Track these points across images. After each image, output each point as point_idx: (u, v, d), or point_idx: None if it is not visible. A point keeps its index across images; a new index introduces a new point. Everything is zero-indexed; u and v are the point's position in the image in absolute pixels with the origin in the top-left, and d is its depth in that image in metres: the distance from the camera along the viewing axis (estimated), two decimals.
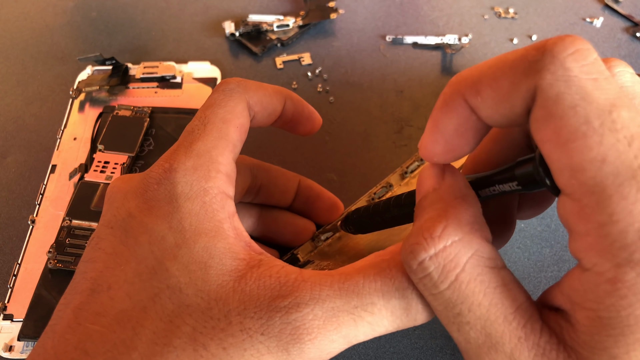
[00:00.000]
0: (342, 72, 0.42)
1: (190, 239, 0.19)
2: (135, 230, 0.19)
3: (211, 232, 0.19)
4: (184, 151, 0.20)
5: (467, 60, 0.43)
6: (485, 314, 0.16)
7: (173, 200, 0.19)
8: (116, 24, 0.46)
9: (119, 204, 0.20)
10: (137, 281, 0.18)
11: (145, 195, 0.20)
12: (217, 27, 0.46)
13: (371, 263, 0.19)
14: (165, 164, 0.20)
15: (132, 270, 0.18)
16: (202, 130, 0.21)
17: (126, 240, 0.19)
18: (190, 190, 0.19)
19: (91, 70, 0.42)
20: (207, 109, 0.22)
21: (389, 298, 0.18)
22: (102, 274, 0.19)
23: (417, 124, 0.39)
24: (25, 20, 0.47)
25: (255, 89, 0.23)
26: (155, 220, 0.19)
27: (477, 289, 0.16)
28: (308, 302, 0.17)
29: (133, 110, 0.38)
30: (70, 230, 0.32)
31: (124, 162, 0.35)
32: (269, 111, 0.24)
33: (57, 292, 0.30)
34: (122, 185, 0.21)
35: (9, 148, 0.38)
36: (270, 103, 0.24)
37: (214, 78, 0.42)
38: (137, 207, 0.20)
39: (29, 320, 0.29)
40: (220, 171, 0.20)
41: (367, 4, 0.47)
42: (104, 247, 0.19)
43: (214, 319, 0.17)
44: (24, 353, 0.29)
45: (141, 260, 0.19)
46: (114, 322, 0.18)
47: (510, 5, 0.47)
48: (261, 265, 0.19)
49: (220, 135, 0.21)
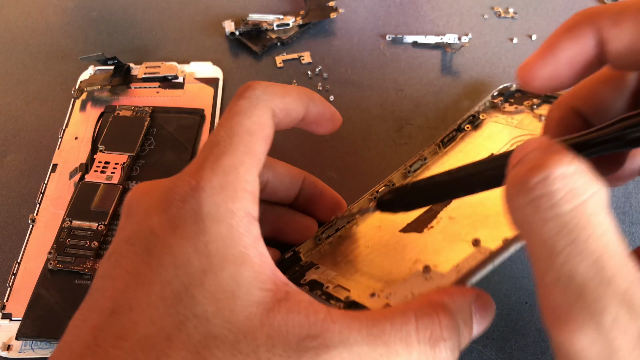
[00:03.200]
0: (342, 70, 0.42)
1: (217, 265, 0.18)
2: (159, 250, 0.18)
3: (238, 258, 0.18)
4: (210, 167, 0.19)
5: (467, 60, 0.43)
6: (603, 248, 0.15)
7: (199, 221, 0.18)
8: (116, 23, 0.46)
9: (139, 219, 0.19)
10: (161, 306, 0.17)
11: (168, 212, 0.19)
12: (217, 26, 0.46)
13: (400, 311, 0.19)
14: (192, 180, 0.19)
15: (156, 294, 0.18)
16: (228, 143, 0.20)
17: (149, 260, 0.18)
18: (217, 212, 0.19)
19: (93, 70, 0.42)
20: (233, 118, 0.21)
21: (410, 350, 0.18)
22: (124, 294, 0.18)
23: (417, 122, 0.39)
24: (25, 20, 0.47)
25: (281, 95, 0.22)
26: (180, 242, 0.18)
27: (598, 221, 0.15)
28: (337, 345, 0.17)
29: (134, 110, 0.38)
30: (70, 230, 0.32)
31: (124, 162, 0.35)
32: (292, 117, 0.23)
33: (56, 291, 0.30)
34: (143, 197, 0.20)
35: (9, 147, 0.38)
36: (294, 109, 0.23)
37: (215, 78, 0.42)
38: (160, 225, 0.19)
39: (28, 320, 0.29)
40: (246, 190, 0.19)
41: (367, 3, 0.47)
42: (124, 264, 0.18)
43: (243, 353, 0.17)
44: (22, 352, 0.28)
45: (165, 283, 0.18)
46: (137, 348, 0.17)
47: (510, 5, 0.47)
48: (289, 299, 0.18)
49: (247, 149, 0.20)
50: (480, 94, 0.40)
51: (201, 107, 0.39)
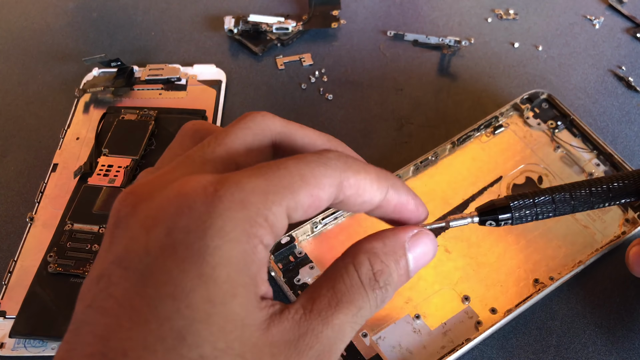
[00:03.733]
0: (342, 70, 0.42)
1: (227, 293, 0.15)
2: (156, 277, 0.15)
3: (247, 285, 0.16)
4: (237, 180, 0.16)
5: (467, 60, 0.43)
6: None
7: (207, 236, 0.15)
8: (117, 24, 0.47)
9: (133, 234, 0.16)
10: (160, 349, 0.15)
11: (168, 222, 0.16)
12: (217, 27, 0.46)
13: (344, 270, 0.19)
14: (209, 187, 0.16)
15: (153, 334, 0.15)
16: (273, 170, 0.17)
17: (143, 291, 0.15)
18: (232, 230, 0.15)
19: (97, 72, 0.42)
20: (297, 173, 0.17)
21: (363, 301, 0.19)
22: (116, 334, 0.15)
23: (417, 121, 0.39)
24: (26, 21, 0.47)
25: (355, 171, 0.18)
26: (182, 266, 0.15)
27: None
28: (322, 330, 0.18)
29: (138, 114, 0.38)
30: (71, 234, 0.32)
31: (127, 165, 0.35)
32: (363, 199, 0.19)
33: (51, 289, 0.30)
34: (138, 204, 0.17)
35: (9, 147, 0.38)
36: (368, 191, 0.19)
37: (218, 80, 0.42)
38: (158, 242, 0.15)
39: (22, 318, 0.29)
40: (268, 220, 0.16)
41: (367, 3, 0.47)
42: (116, 294, 0.15)
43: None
44: (14, 350, 0.28)
45: (164, 320, 0.15)
46: None
47: (510, 6, 0.47)
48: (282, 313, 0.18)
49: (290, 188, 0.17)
50: (480, 94, 0.40)
51: (203, 108, 0.39)
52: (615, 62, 0.42)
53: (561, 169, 0.34)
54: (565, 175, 0.34)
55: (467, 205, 0.33)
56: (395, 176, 0.21)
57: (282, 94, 0.41)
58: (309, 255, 0.31)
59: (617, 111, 0.39)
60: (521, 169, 0.34)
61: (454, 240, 0.31)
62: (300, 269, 0.30)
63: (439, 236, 0.31)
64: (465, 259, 0.31)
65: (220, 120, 0.39)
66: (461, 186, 0.34)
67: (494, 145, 0.35)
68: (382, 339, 0.28)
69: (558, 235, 0.31)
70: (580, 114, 0.38)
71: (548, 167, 0.34)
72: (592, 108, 0.39)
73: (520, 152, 0.35)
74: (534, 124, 0.36)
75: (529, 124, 0.36)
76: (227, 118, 0.39)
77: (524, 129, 0.36)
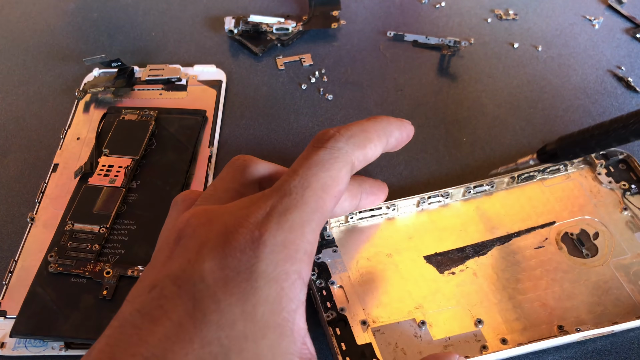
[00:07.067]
0: (342, 71, 0.42)
1: (259, 332, 0.17)
2: (206, 303, 0.17)
3: (279, 327, 0.18)
4: (277, 220, 0.19)
5: (467, 61, 0.43)
6: None
7: (252, 278, 0.18)
8: (117, 25, 0.47)
9: (191, 257, 0.18)
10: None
11: (224, 260, 0.18)
12: (217, 28, 0.46)
13: None
14: (255, 231, 0.18)
15: (194, 353, 0.17)
16: (300, 196, 0.19)
17: (193, 313, 0.17)
18: (273, 272, 0.18)
19: (98, 72, 0.42)
20: (310, 169, 0.20)
21: None
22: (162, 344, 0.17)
23: (417, 122, 0.39)
24: (26, 21, 0.47)
25: (362, 146, 0.22)
26: (230, 299, 0.17)
27: None
28: None
29: (139, 114, 0.38)
30: (72, 234, 0.32)
31: (128, 165, 0.35)
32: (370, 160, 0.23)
33: (52, 289, 0.29)
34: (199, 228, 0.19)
35: (9, 147, 0.38)
36: (374, 155, 0.22)
37: (219, 80, 0.42)
38: (212, 273, 0.18)
39: (22, 317, 0.28)
40: (306, 252, 0.19)
41: (367, 4, 0.47)
42: (168, 309, 0.17)
43: None
44: (15, 350, 0.28)
45: (206, 343, 0.17)
46: None
47: (509, 6, 0.47)
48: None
49: (317, 206, 0.19)
50: (480, 94, 0.40)
51: (203, 108, 0.39)
52: (614, 63, 0.42)
53: (623, 231, 0.32)
54: (626, 238, 0.31)
55: (510, 239, 0.31)
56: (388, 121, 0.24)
57: (282, 94, 0.41)
58: (335, 240, 0.31)
59: (617, 111, 0.39)
60: (578, 219, 0.32)
61: (484, 267, 0.30)
62: (324, 249, 0.31)
63: (471, 259, 0.30)
64: (490, 287, 0.29)
65: (221, 120, 0.39)
66: (510, 220, 0.32)
67: (555, 191, 0.33)
68: (380, 332, 0.28)
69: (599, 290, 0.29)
70: (580, 114, 0.38)
71: (607, 226, 0.32)
72: (592, 108, 0.39)
73: (583, 204, 0.33)
74: (604, 181, 0.33)
75: (600, 180, 0.34)
76: (227, 118, 0.40)
77: (593, 183, 0.34)
